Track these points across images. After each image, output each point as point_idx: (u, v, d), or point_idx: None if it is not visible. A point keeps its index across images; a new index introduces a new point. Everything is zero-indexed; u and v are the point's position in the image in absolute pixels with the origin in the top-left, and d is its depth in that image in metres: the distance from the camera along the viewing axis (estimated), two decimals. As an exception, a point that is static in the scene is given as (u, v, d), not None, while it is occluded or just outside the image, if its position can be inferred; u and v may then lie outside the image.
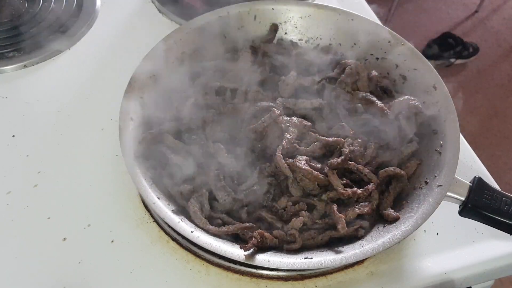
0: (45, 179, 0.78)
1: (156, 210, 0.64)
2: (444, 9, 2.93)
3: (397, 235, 0.62)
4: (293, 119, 0.75)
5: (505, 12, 2.95)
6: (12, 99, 0.89)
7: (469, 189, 0.67)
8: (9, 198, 0.75)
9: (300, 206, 0.69)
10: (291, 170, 0.69)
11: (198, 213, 0.66)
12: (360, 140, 0.74)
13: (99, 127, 0.85)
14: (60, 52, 0.98)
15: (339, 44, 0.91)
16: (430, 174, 0.70)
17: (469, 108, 2.35)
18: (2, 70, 0.93)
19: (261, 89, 0.82)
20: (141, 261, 0.69)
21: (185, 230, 0.63)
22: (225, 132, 0.77)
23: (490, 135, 2.29)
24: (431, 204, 0.65)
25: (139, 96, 0.76)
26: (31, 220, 0.73)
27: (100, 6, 1.09)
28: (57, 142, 0.83)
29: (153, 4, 1.10)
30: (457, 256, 0.73)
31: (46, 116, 0.87)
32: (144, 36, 0.99)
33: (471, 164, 0.85)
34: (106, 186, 0.77)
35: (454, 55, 2.56)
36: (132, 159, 0.68)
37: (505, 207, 0.65)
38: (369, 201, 0.69)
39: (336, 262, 0.61)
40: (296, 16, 0.92)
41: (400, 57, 0.85)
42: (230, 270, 0.69)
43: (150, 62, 0.80)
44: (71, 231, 0.72)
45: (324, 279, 0.69)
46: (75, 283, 0.67)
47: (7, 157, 0.80)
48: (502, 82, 2.56)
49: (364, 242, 0.64)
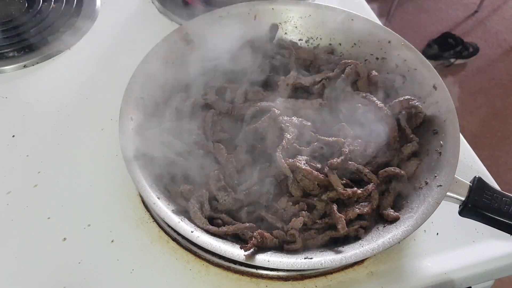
0: (45, 179, 0.78)
1: (156, 210, 0.64)
2: (444, 9, 2.93)
3: (397, 235, 0.62)
4: (293, 119, 0.75)
5: (505, 12, 2.95)
6: (12, 99, 0.89)
7: (469, 189, 0.67)
8: (9, 198, 0.75)
9: (300, 206, 0.69)
10: (291, 170, 0.69)
11: (198, 213, 0.67)
12: (360, 140, 0.74)
13: (99, 127, 0.85)
14: (60, 52, 0.98)
15: (339, 44, 0.91)
16: (430, 174, 0.70)
17: (469, 108, 2.35)
18: (2, 70, 0.93)
19: (261, 89, 0.82)
20: (141, 261, 0.69)
21: (185, 230, 0.63)
22: (225, 132, 0.78)
23: (490, 135, 2.29)
24: (431, 204, 0.65)
25: (139, 96, 0.76)
26: (31, 220, 0.73)
27: (100, 6, 1.09)
28: (57, 142, 0.83)
29: (153, 4, 1.10)
30: (457, 256, 0.73)
31: (46, 116, 0.87)
32: (144, 36, 0.99)
33: (471, 164, 0.85)
34: (106, 186, 0.77)
35: (454, 55, 2.55)
36: (132, 159, 0.68)
37: (505, 207, 0.65)
38: (369, 201, 0.69)
39: (336, 262, 0.61)
40: (296, 16, 0.92)
41: (400, 57, 0.85)
42: (230, 270, 0.69)
43: (150, 62, 0.80)
44: (71, 231, 0.72)
45: (324, 279, 0.69)
46: (75, 283, 0.67)
47: (7, 157, 0.80)
48: (502, 82, 2.56)
49: (364, 242, 0.64)
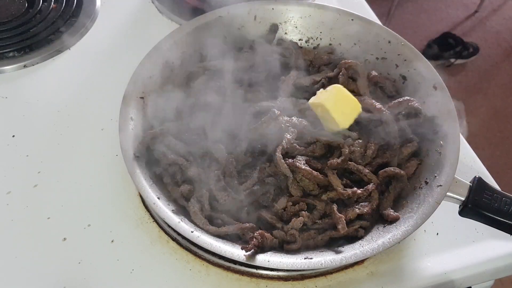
0: (45, 179, 0.78)
1: (156, 210, 0.64)
2: (444, 9, 2.93)
3: (397, 235, 0.62)
4: (293, 119, 0.75)
5: (505, 12, 2.95)
6: (12, 99, 0.89)
7: (469, 189, 0.67)
8: (9, 198, 0.75)
9: (300, 206, 0.69)
10: (291, 170, 0.69)
11: (198, 214, 0.67)
12: (360, 141, 0.74)
13: (99, 127, 0.85)
14: (60, 52, 0.98)
15: (339, 44, 0.91)
16: (430, 174, 0.70)
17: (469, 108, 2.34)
18: (2, 70, 0.93)
19: (261, 89, 0.82)
20: (141, 261, 0.69)
21: (185, 230, 0.63)
22: (225, 132, 0.77)
23: (490, 135, 2.29)
24: (431, 204, 0.65)
25: (139, 96, 0.76)
26: (31, 220, 0.73)
27: (100, 6, 1.09)
28: (57, 142, 0.83)
29: (153, 4, 1.10)
30: (457, 256, 0.73)
31: (46, 116, 0.87)
32: (144, 36, 1.00)
33: (471, 164, 0.85)
34: (106, 186, 0.77)
35: (454, 55, 2.55)
36: (132, 159, 0.68)
37: (505, 207, 0.65)
38: (369, 201, 0.69)
39: (336, 262, 0.61)
40: (296, 16, 0.92)
41: (400, 57, 0.85)
42: (230, 270, 0.69)
43: (150, 62, 0.80)
44: (71, 231, 0.72)
45: (324, 279, 0.69)
46: (75, 283, 0.67)
47: (7, 157, 0.80)
48: (502, 82, 2.56)
49: (364, 242, 0.64)
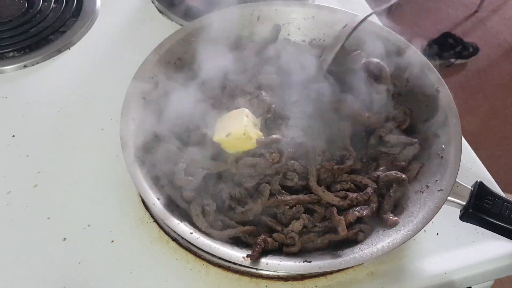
0: (45, 179, 0.78)
1: (156, 211, 0.64)
2: (444, 9, 2.93)
3: (397, 239, 0.62)
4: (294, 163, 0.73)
5: (505, 12, 2.95)
6: (12, 99, 0.89)
7: (470, 194, 0.66)
8: (9, 198, 0.75)
9: (297, 208, 0.69)
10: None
11: (200, 217, 0.66)
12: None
13: (99, 127, 0.85)
14: (60, 52, 0.98)
15: (341, 45, 0.91)
16: (432, 178, 0.70)
17: (469, 108, 2.35)
18: (2, 70, 0.93)
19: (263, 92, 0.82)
20: (141, 261, 0.69)
21: (185, 232, 0.62)
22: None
23: (490, 135, 2.29)
24: (431, 208, 0.65)
25: (140, 96, 0.76)
26: (31, 220, 0.73)
27: (100, 6, 1.09)
28: (57, 142, 0.83)
29: (153, 4, 1.10)
30: (457, 256, 0.73)
31: (46, 116, 0.87)
32: (144, 36, 1.00)
33: (472, 166, 0.84)
34: (106, 186, 0.77)
35: (454, 55, 2.55)
36: (132, 159, 0.68)
37: (507, 212, 0.64)
38: (369, 204, 0.69)
39: (335, 266, 0.61)
40: (299, 17, 0.92)
41: (401, 58, 0.85)
42: (230, 270, 0.69)
43: (152, 62, 0.80)
44: (71, 231, 0.72)
45: (324, 279, 0.69)
46: (75, 283, 0.67)
47: (7, 157, 0.80)
48: (502, 82, 2.56)
49: (364, 246, 0.64)
